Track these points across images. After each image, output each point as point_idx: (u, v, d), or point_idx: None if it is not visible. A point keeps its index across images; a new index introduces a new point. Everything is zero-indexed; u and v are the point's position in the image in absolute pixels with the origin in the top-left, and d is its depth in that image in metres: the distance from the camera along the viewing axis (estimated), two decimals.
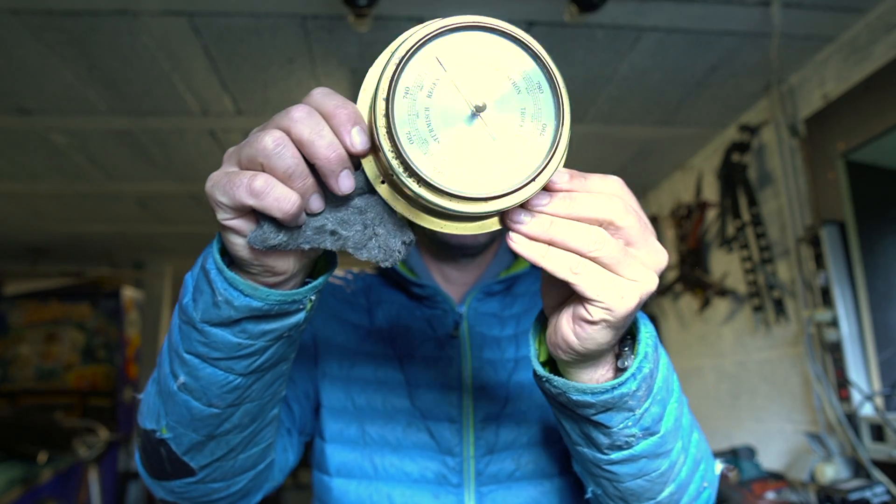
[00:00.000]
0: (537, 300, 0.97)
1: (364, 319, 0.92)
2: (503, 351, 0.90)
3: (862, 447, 1.65)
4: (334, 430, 0.86)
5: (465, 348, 0.89)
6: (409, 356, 0.88)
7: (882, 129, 1.61)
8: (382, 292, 0.96)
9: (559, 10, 1.62)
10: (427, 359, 0.88)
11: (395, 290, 0.97)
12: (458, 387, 0.86)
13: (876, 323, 1.69)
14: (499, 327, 0.92)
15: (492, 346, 0.89)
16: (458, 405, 0.85)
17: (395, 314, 0.93)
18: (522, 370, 0.89)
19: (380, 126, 0.43)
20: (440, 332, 0.90)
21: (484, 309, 0.93)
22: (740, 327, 2.38)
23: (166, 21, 1.69)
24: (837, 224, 1.77)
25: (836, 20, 1.72)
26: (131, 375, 4.30)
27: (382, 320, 0.92)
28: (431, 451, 0.83)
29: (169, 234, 3.94)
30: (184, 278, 0.56)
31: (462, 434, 0.84)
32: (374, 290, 0.96)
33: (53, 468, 3.06)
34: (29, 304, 4.18)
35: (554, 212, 0.46)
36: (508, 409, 0.86)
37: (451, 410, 0.85)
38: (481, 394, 0.86)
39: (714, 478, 0.70)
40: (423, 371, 0.87)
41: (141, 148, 2.56)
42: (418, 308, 0.94)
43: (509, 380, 0.88)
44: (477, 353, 0.88)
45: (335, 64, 1.93)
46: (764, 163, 2.19)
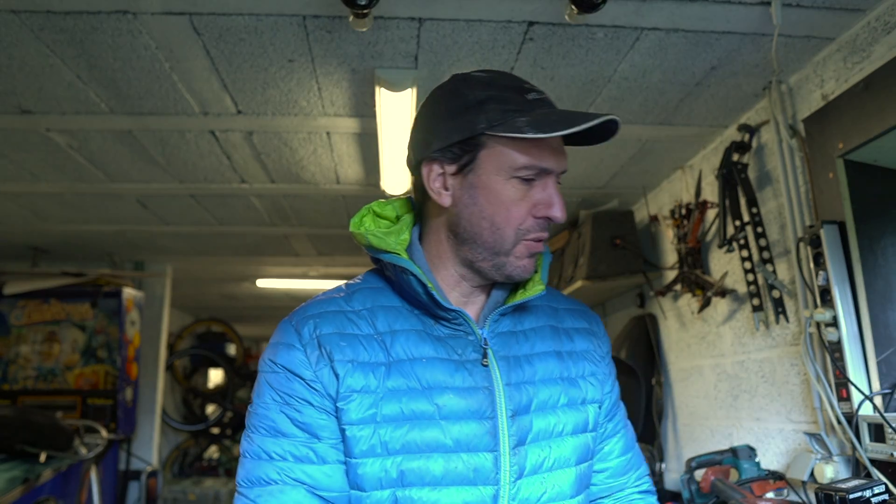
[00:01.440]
0: (541, 315, 0.99)
1: (380, 355, 0.87)
2: (523, 371, 0.91)
3: (862, 447, 1.65)
4: (373, 479, 0.83)
5: (495, 375, 0.88)
6: (439, 388, 0.86)
7: (882, 129, 1.61)
8: (391, 317, 0.90)
9: (559, 10, 1.62)
10: (460, 390, 0.86)
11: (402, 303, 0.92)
12: (493, 416, 0.86)
13: (875, 323, 1.69)
14: (516, 346, 0.93)
15: (515, 368, 0.90)
16: (494, 434, 0.85)
17: (414, 343, 0.88)
18: (542, 392, 0.90)
19: None
20: (465, 357, 0.89)
21: (501, 328, 0.93)
22: (740, 327, 2.38)
23: (166, 21, 1.69)
24: (837, 224, 1.77)
25: (836, 20, 1.72)
26: (131, 375, 4.30)
27: (402, 353, 0.87)
28: (469, 483, 0.83)
29: (169, 234, 3.94)
30: None
31: (500, 462, 0.84)
32: (379, 315, 0.90)
33: (54, 468, 3.06)
34: (29, 304, 4.18)
35: None
36: (534, 433, 0.87)
37: (489, 441, 0.84)
38: (513, 420, 0.86)
39: None
40: (456, 402, 0.85)
41: (141, 148, 2.56)
42: (435, 328, 0.90)
43: (532, 402, 0.89)
44: (506, 380, 0.88)
45: (335, 64, 1.93)
46: (764, 163, 2.19)
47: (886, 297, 1.71)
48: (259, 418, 0.86)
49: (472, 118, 0.85)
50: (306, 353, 0.86)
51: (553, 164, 0.87)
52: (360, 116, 2.30)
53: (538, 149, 0.85)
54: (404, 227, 0.96)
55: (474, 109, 0.85)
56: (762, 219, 2.13)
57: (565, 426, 0.91)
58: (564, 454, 0.89)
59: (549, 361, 0.93)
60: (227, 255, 4.56)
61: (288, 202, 3.33)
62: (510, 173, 0.85)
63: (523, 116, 0.83)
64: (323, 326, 0.88)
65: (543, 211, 0.87)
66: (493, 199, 0.86)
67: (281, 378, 0.86)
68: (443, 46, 1.84)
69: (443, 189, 0.90)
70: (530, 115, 0.83)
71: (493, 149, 0.85)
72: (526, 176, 0.86)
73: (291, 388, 0.85)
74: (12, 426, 2.99)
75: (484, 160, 0.86)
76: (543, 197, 0.87)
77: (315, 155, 2.68)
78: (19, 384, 4.09)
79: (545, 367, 0.93)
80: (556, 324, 0.99)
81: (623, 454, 1.04)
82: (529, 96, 0.86)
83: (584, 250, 3.07)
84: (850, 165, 1.75)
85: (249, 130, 2.42)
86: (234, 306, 7.07)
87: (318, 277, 5.30)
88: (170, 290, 4.94)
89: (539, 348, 0.94)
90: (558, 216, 0.87)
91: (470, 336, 0.90)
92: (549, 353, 0.94)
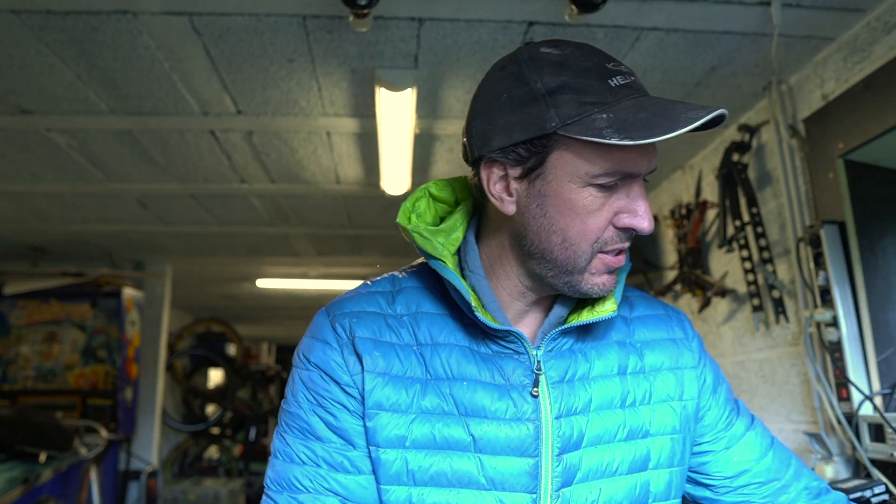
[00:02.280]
0: (608, 329, 0.85)
1: (417, 369, 0.77)
2: (577, 398, 0.78)
3: (862, 447, 1.65)
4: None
5: (545, 406, 0.76)
6: (477, 417, 0.75)
7: (881, 129, 1.61)
8: (434, 326, 0.79)
9: (559, 10, 1.62)
10: (501, 420, 0.75)
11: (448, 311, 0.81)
12: (536, 453, 0.75)
13: (875, 323, 1.69)
14: (573, 365, 0.80)
15: (567, 395, 0.78)
16: (535, 475, 0.74)
17: (457, 361, 0.77)
18: (596, 423, 0.78)
19: None
20: (512, 381, 0.77)
21: (558, 346, 0.81)
22: (740, 327, 2.38)
23: (166, 21, 1.69)
24: (837, 224, 1.77)
25: (836, 20, 1.72)
26: (131, 375, 4.30)
27: (441, 370, 0.77)
28: None
29: (169, 234, 3.94)
30: None
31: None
32: (422, 323, 0.80)
33: (54, 468, 3.06)
34: (29, 304, 4.18)
35: None
36: (584, 471, 0.77)
37: (528, 482, 0.74)
38: (559, 459, 0.75)
39: None
40: (495, 432, 0.75)
41: (141, 148, 2.56)
42: (483, 344, 0.79)
43: (584, 435, 0.77)
44: (556, 412, 0.76)
45: (335, 64, 1.93)
46: (764, 163, 2.19)
47: (886, 297, 1.71)
48: (292, 417, 0.78)
49: (540, 112, 0.69)
50: (343, 355, 0.77)
51: (640, 166, 0.72)
52: (360, 116, 2.30)
53: (622, 151, 0.69)
54: (458, 223, 0.82)
55: (544, 101, 0.69)
56: (762, 219, 2.13)
57: (621, 463, 0.78)
58: (616, 497, 0.78)
59: (608, 386, 0.80)
60: (227, 255, 4.56)
61: (288, 202, 3.33)
62: (587, 180, 0.71)
63: (604, 112, 0.68)
64: (358, 328, 0.78)
65: (627, 221, 0.72)
66: (566, 209, 0.72)
67: (315, 377, 0.78)
68: (443, 46, 1.84)
69: (505, 195, 0.75)
70: (614, 110, 0.68)
71: (566, 151, 0.70)
72: (606, 183, 0.71)
73: (327, 391, 0.77)
74: (12, 426, 2.99)
75: (555, 164, 0.71)
76: (626, 204, 0.72)
77: (315, 155, 2.68)
78: (19, 384, 4.09)
79: (603, 392, 0.80)
80: (625, 338, 0.85)
81: (760, 459, 0.89)
82: (614, 81, 0.70)
83: None
84: (850, 165, 1.75)
85: (249, 130, 2.42)
86: (234, 306, 7.08)
87: (318, 277, 5.31)
88: (170, 290, 4.94)
89: (599, 370, 0.81)
90: (644, 227, 0.72)
91: (522, 356, 0.78)
92: (610, 376, 0.81)
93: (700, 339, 0.91)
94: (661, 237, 3.01)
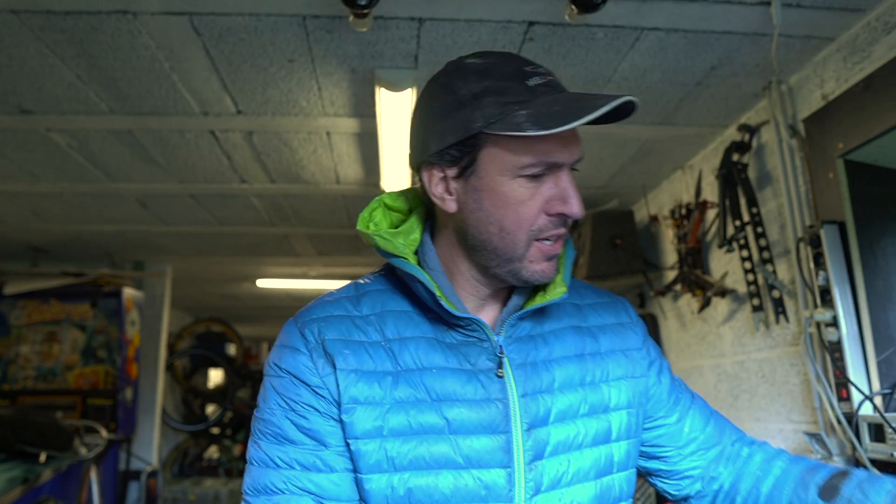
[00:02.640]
0: (563, 315, 0.92)
1: (387, 363, 0.81)
2: (541, 379, 0.84)
3: (862, 447, 1.65)
4: (378, 496, 0.78)
5: (510, 386, 0.82)
6: (449, 400, 0.80)
7: (882, 129, 1.61)
8: (401, 323, 0.85)
9: (559, 10, 1.62)
10: (471, 402, 0.80)
11: (413, 308, 0.86)
12: (506, 430, 0.80)
13: (875, 323, 1.69)
14: (534, 350, 0.86)
15: (532, 376, 0.84)
16: (508, 449, 0.80)
17: (424, 352, 0.82)
18: (560, 401, 0.84)
19: None
20: (478, 366, 0.83)
21: (518, 333, 0.87)
22: (740, 327, 2.38)
23: (166, 21, 1.69)
24: (837, 224, 1.77)
25: (836, 20, 1.72)
26: (131, 375, 4.30)
27: (410, 362, 0.82)
28: (481, 500, 0.78)
29: (169, 234, 3.94)
30: None
31: (515, 479, 0.79)
32: (388, 321, 0.85)
33: (54, 468, 3.06)
34: (29, 304, 4.18)
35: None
36: (553, 445, 0.82)
37: (502, 457, 0.79)
38: (528, 434, 0.81)
39: None
40: (467, 416, 0.80)
41: (141, 148, 2.56)
42: (447, 334, 0.84)
43: (550, 413, 0.83)
44: (522, 391, 0.82)
45: (335, 64, 1.93)
46: (764, 163, 2.19)
47: (886, 297, 1.71)
48: (265, 424, 0.82)
49: (467, 116, 0.77)
50: (312, 359, 0.81)
51: (563, 156, 0.78)
52: (360, 116, 2.30)
53: (543, 142, 0.76)
54: (415, 225, 0.89)
55: (469, 105, 0.77)
56: (762, 219, 2.13)
57: (585, 437, 0.85)
58: (584, 467, 0.83)
59: (569, 366, 0.87)
60: (227, 255, 4.56)
61: (288, 202, 3.33)
62: (515, 172, 0.77)
63: (523, 109, 0.75)
64: (327, 331, 0.83)
65: (557, 207, 0.79)
66: (499, 201, 0.79)
67: (286, 383, 0.82)
68: (443, 46, 1.84)
69: (446, 194, 0.83)
70: (532, 106, 0.75)
71: (493, 147, 0.78)
72: (533, 173, 0.78)
73: (297, 394, 0.81)
74: (12, 426, 2.99)
75: (485, 160, 0.78)
76: (556, 192, 0.79)
77: (315, 155, 2.68)
78: (19, 384, 4.09)
79: (565, 372, 0.86)
80: (580, 323, 0.93)
81: (704, 428, 0.98)
82: (531, 82, 0.77)
83: (584, 250, 3.07)
84: (850, 165, 1.75)
85: (249, 130, 2.42)
86: (234, 306, 7.08)
87: (318, 277, 5.31)
88: (170, 290, 4.94)
89: (559, 352, 0.87)
90: (574, 211, 0.78)
91: (485, 343, 0.84)
92: (569, 358, 0.88)
93: (643, 324, 1.00)
94: (661, 237, 3.01)
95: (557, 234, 0.82)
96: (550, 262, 0.83)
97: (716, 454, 0.98)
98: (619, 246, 2.98)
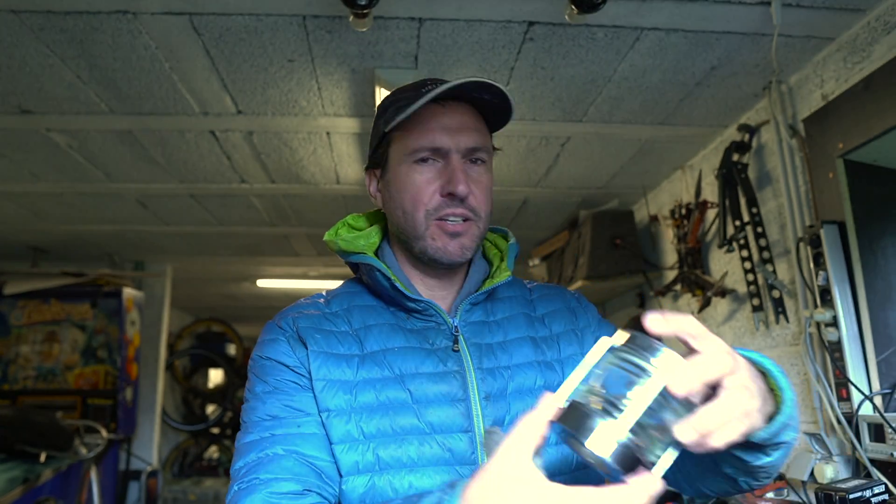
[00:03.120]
0: (514, 305, 1.01)
1: (354, 348, 0.91)
2: (497, 359, 0.93)
3: (861, 447, 1.65)
4: (349, 463, 0.84)
5: (466, 360, 0.91)
6: (410, 375, 0.89)
7: (882, 129, 1.61)
8: (366, 314, 0.95)
9: (559, 10, 1.62)
10: (431, 375, 0.89)
11: (378, 302, 0.97)
12: (465, 398, 0.88)
13: (875, 323, 1.69)
14: (489, 335, 0.95)
15: (487, 354, 0.93)
16: (468, 415, 0.87)
17: (387, 335, 0.92)
18: (518, 377, 0.92)
19: None
20: (436, 345, 0.92)
21: (472, 318, 0.96)
22: (740, 327, 2.38)
23: (166, 21, 1.69)
24: (837, 224, 1.77)
25: (836, 20, 1.72)
26: (131, 375, 4.30)
27: (375, 345, 0.91)
28: (446, 464, 0.85)
29: (169, 234, 3.94)
30: None
31: (475, 442, 0.86)
32: (355, 314, 0.95)
33: (54, 468, 3.06)
34: (29, 304, 4.18)
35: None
36: (511, 416, 0.88)
37: (462, 421, 0.87)
38: (487, 402, 0.89)
39: None
40: (428, 387, 0.88)
41: (141, 148, 2.56)
42: (408, 321, 0.94)
43: (507, 386, 0.91)
44: (477, 364, 0.91)
45: (335, 64, 1.93)
46: (764, 163, 2.19)
47: (886, 297, 1.71)
48: (252, 412, 0.88)
49: (378, 125, 0.96)
50: (289, 343, 0.90)
51: (445, 141, 0.90)
52: (360, 116, 2.30)
53: (428, 131, 0.90)
54: (374, 232, 1.01)
55: (381, 117, 0.96)
56: (762, 219, 2.13)
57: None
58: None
59: (523, 347, 0.95)
60: (227, 255, 4.56)
61: (288, 202, 3.33)
62: (409, 159, 0.92)
63: (408, 108, 0.87)
64: (301, 321, 0.93)
65: (447, 188, 0.90)
66: (400, 186, 0.93)
67: (268, 368, 0.90)
68: (443, 46, 1.84)
69: (377, 192, 1.00)
70: (412, 103, 0.87)
71: (394, 143, 0.94)
72: (422, 157, 0.91)
73: (280, 376, 0.89)
74: (12, 426, 2.99)
75: (391, 156, 0.95)
76: (446, 175, 0.90)
77: (315, 155, 2.68)
78: (19, 384, 4.09)
79: (520, 352, 0.94)
80: (530, 312, 1.02)
81: None
82: (425, 89, 0.88)
83: (584, 250, 3.07)
84: (850, 165, 1.75)
85: (249, 130, 2.42)
86: (234, 306, 7.07)
87: (318, 277, 5.31)
88: (170, 290, 4.94)
89: (513, 335, 0.96)
90: (457, 190, 0.89)
91: (441, 326, 0.93)
92: (523, 339, 0.96)
93: (595, 309, 1.08)
94: (661, 237, 3.01)
95: (454, 213, 0.91)
96: (455, 240, 0.92)
97: None
98: (619, 246, 2.98)
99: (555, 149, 2.60)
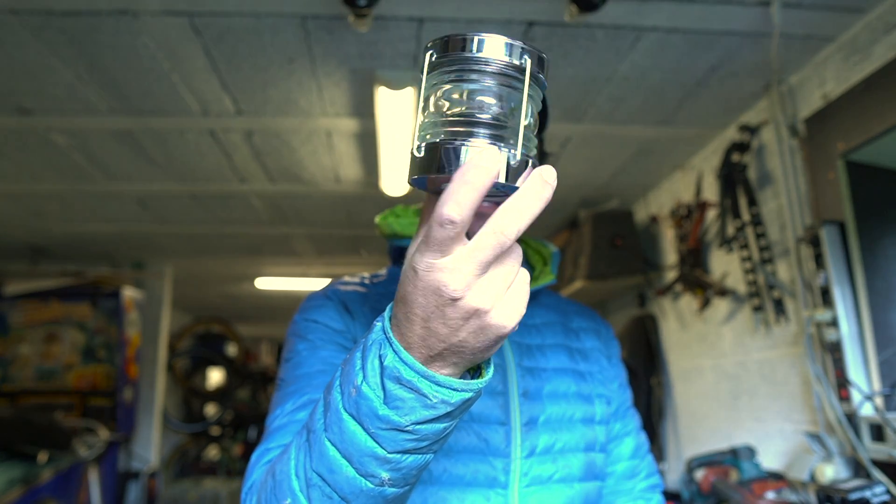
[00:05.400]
0: (552, 313, 1.03)
1: None
2: (536, 360, 0.94)
3: (862, 447, 1.65)
4: None
5: (508, 355, 0.92)
6: None
7: (882, 129, 1.61)
8: None
9: (559, 10, 1.62)
10: None
11: None
12: (505, 391, 0.89)
13: (876, 323, 1.69)
14: (528, 336, 0.96)
15: (526, 354, 0.94)
16: (506, 409, 0.88)
17: None
18: (553, 380, 0.94)
19: None
20: None
21: None
22: (740, 327, 2.38)
23: (166, 21, 1.69)
24: (837, 224, 1.77)
25: (836, 20, 1.72)
26: (131, 375, 4.30)
27: None
28: (480, 453, 0.86)
29: (169, 234, 3.94)
30: (335, 398, 0.57)
31: (511, 436, 0.87)
32: None
33: (53, 468, 3.06)
34: (29, 304, 4.18)
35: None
36: (546, 416, 0.90)
37: (500, 414, 0.88)
38: (525, 399, 0.90)
39: None
40: None
41: (141, 148, 2.56)
42: None
43: (543, 387, 0.92)
44: (518, 361, 0.92)
45: (335, 64, 1.93)
46: (764, 163, 2.19)
47: (886, 297, 1.71)
48: (293, 368, 0.85)
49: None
50: (336, 310, 0.90)
51: None
52: (360, 116, 2.30)
53: None
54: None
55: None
56: (762, 219, 2.13)
57: (574, 414, 0.94)
58: (574, 440, 0.92)
59: (560, 354, 0.97)
60: (227, 255, 4.56)
61: (288, 202, 3.33)
62: None
63: None
64: (346, 294, 0.92)
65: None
66: None
67: (312, 327, 0.88)
68: None
69: None
70: None
71: None
72: None
73: (324, 336, 0.87)
74: (12, 426, 2.99)
75: None
76: None
77: (315, 155, 2.68)
78: (19, 384, 4.09)
79: (556, 357, 0.96)
80: (566, 322, 1.04)
81: (632, 458, 1.05)
82: None
83: (584, 250, 3.07)
84: (850, 165, 1.75)
85: (249, 130, 2.42)
86: (234, 306, 7.07)
87: (318, 277, 5.30)
88: (170, 290, 4.94)
89: (550, 341, 0.98)
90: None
91: None
92: (559, 347, 0.98)
93: (618, 345, 1.10)
94: (661, 237, 3.01)
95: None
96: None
97: (619, 491, 1.04)
98: (619, 246, 2.98)
99: (555, 149, 2.60)
